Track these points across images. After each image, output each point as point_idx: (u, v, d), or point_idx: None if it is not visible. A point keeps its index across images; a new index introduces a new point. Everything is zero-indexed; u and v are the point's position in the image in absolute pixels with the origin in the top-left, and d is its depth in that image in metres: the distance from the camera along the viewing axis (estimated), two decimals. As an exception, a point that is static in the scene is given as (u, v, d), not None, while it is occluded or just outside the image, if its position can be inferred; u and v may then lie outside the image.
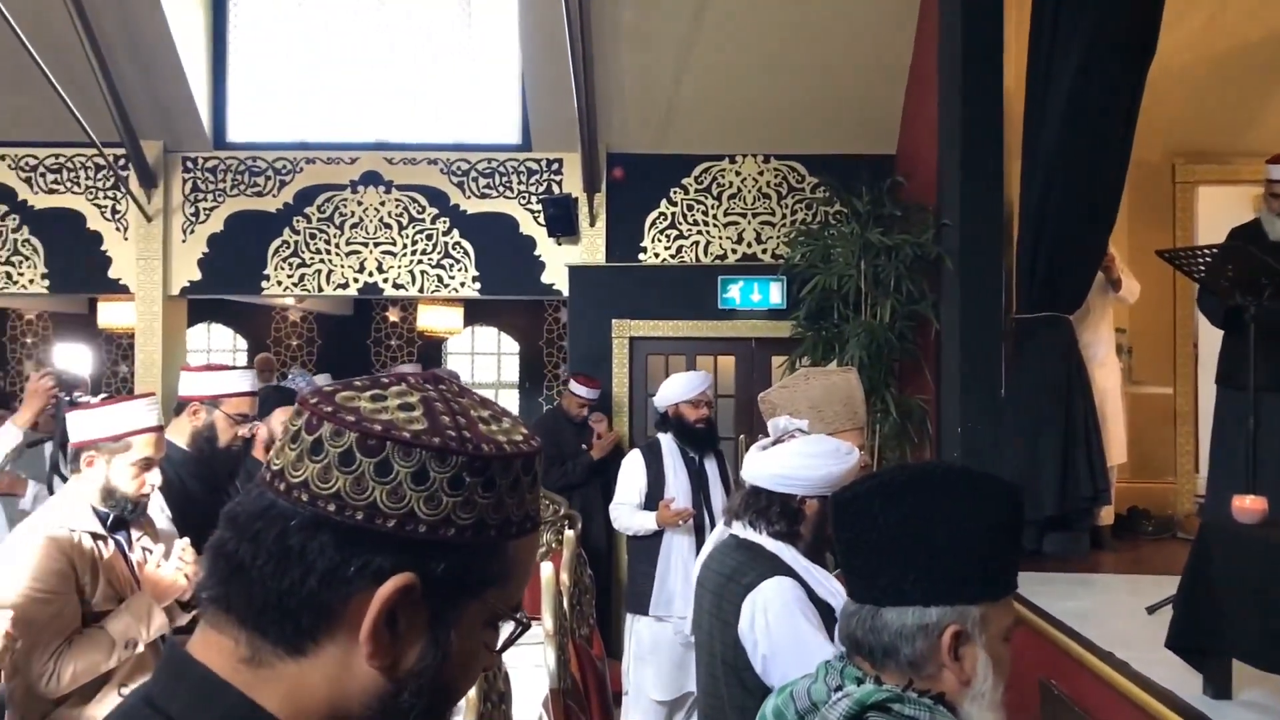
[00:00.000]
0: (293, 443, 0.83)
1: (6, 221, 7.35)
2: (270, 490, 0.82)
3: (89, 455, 2.69)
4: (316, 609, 0.80)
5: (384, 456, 0.80)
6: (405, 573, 0.80)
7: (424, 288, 7.35)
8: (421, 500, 0.80)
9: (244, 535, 0.81)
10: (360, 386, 0.87)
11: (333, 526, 0.79)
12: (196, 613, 2.75)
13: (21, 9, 5.87)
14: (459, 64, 7.49)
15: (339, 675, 0.81)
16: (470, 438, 0.83)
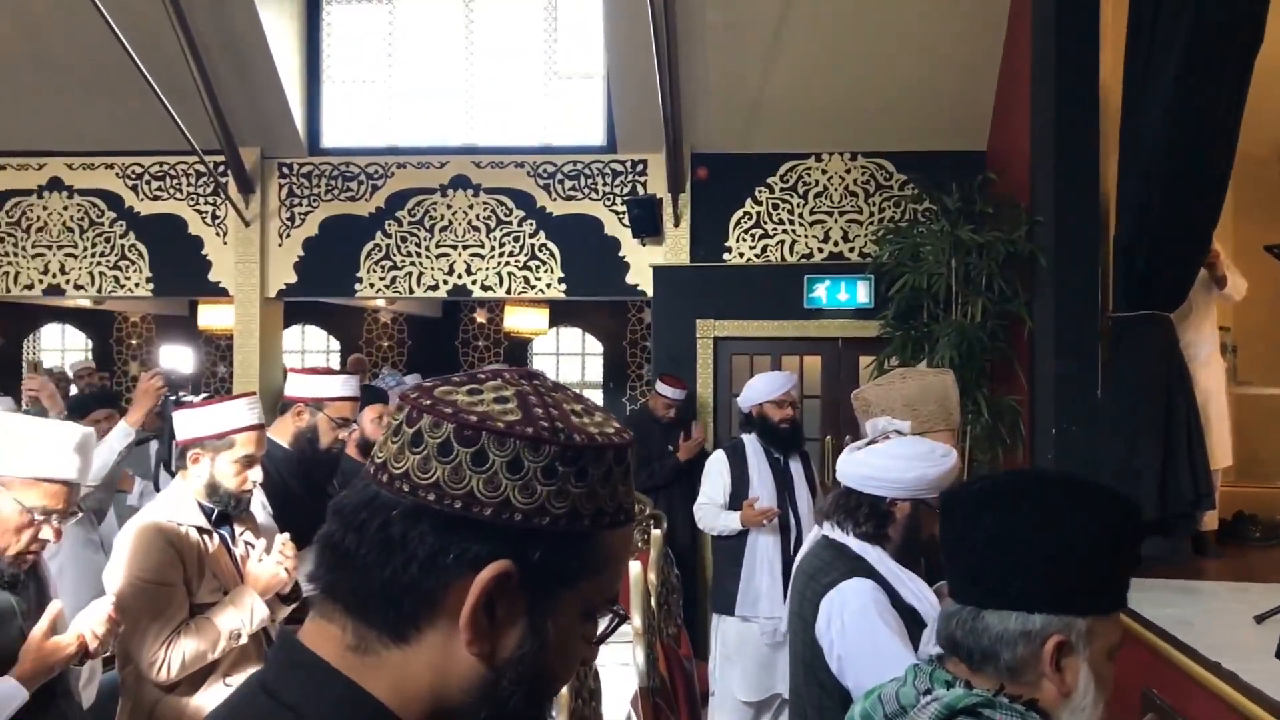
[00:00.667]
0: (394, 436, 0.85)
1: (114, 228, 7.65)
2: (374, 482, 0.85)
3: (194, 453, 2.78)
4: (418, 596, 0.82)
5: (480, 446, 0.82)
6: (502, 560, 0.81)
7: (511, 289, 7.44)
8: (517, 489, 0.82)
9: (349, 526, 0.84)
10: (457, 382, 0.89)
11: (432, 515, 0.82)
12: (296, 605, 2.84)
13: (129, 24, 6.11)
14: (545, 67, 7.57)
15: (441, 662, 0.83)
16: (563, 428, 0.84)
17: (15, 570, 2.15)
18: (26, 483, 2.11)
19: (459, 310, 11.69)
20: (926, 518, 2.23)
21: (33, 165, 7.69)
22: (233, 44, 6.88)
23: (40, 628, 2.10)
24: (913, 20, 6.36)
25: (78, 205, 7.67)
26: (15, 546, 2.11)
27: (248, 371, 7.56)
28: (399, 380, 4.81)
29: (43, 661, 2.09)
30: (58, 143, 7.57)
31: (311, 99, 7.59)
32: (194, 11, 6.52)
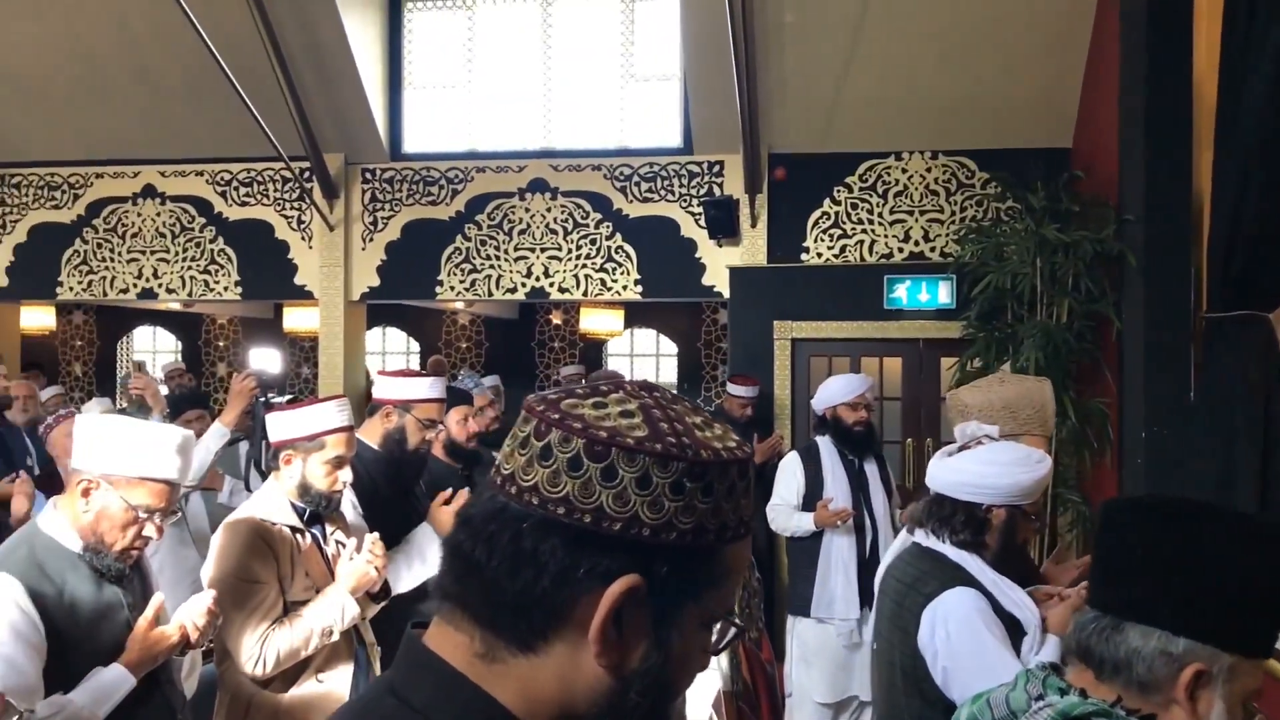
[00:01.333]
0: (522, 448, 0.86)
1: (204, 233, 7.87)
2: (502, 493, 0.86)
3: (287, 454, 2.86)
4: (548, 608, 0.83)
5: (609, 462, 0.83)
6: (631, 574, 0.82)
7: (588, 291, 7.49)
8: (645, 504, 0.82)
9: (479, 536, 0.85)
10: (582, 394, 0.90)
11: (562, 529, 0.83)
12: (385, 603, 2.89)
13: (220, 36, 6.29)
14: (622, 70, 7.60)
15: (568, 672, 0.84)
16: (689, 444, 0.85)
17: (122, 565, 2.24)
18: (132, 482, 2.20)
19: (535, 312, 11.79)
20: (1022, 524, 2.19)
21: (128, 173, 7.95)
22: (318, 53, 7.04)
23: (145, 619, 2.20)
24: (995, 14, 6.25)
25: (170, 211, 7.91)
26: (122, 542, 2.21)
27: (332, 373, 7.72)
28: (477, 382, 4.85)
29: (147, 651, 2.18)
30: (152, 151, 7.82)
31: (393, 105, 7.73)
32: (281, 22, 6.68)
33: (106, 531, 2.20)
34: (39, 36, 7.20)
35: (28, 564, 2.14)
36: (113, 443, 2.20)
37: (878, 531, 4.78)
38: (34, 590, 2.10)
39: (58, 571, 2.17)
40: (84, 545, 2.21)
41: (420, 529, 3.41)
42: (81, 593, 2.18)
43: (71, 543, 2.21)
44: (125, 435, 2.22)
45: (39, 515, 2.29)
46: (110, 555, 2.21)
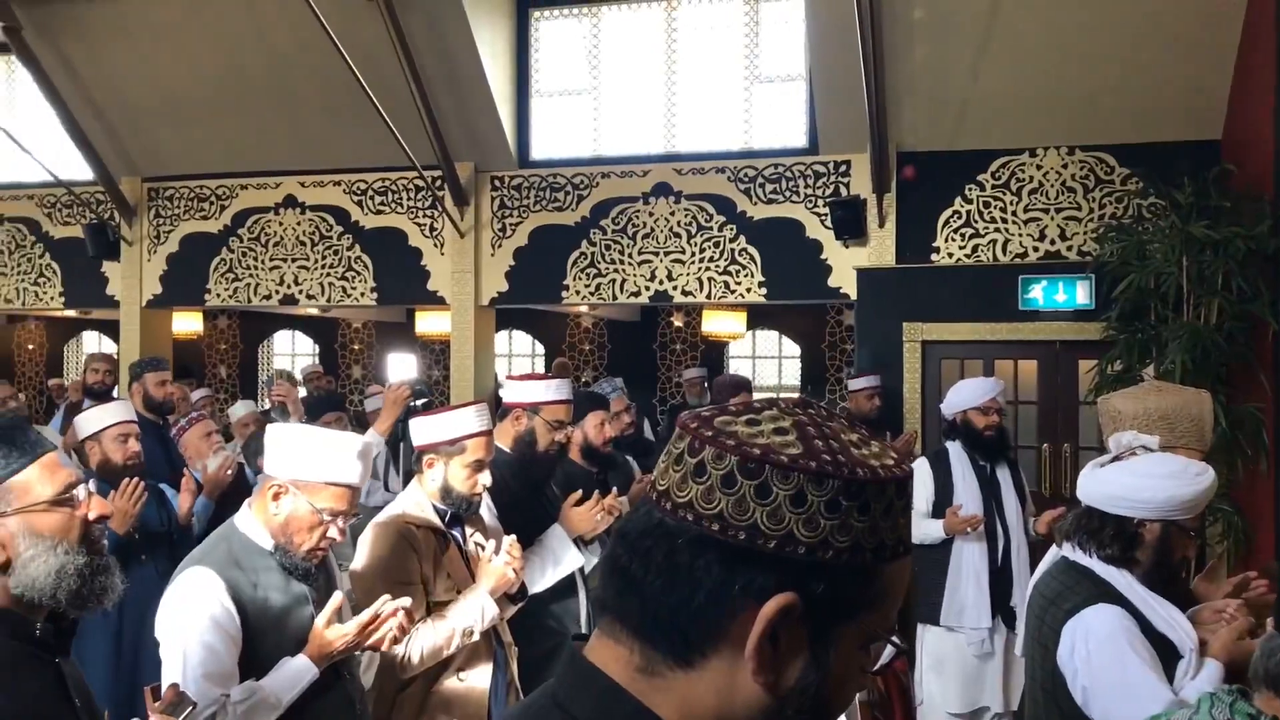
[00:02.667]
0: (676, 465, 0.87)
1: (341, 241, 8.17)
2: (658, 509, 0.87)
3: (429, 457, 2.94)
4: (704, 624, 0.84)
5: (763, 479, 0.82)
6: (787, 592, 0.82)
7: (711, 294, 7.49)
8: (800, 522, 0.82)
9: (635, 551, 0.86)
10: (735, 411, 0.90)
11: (717, 545, 0.83)
12: (522, 605, 2.95)
13: (358, 51, 6.53)
14: (746, 72, 7.58)
15: (725, 688, 0.84)
16: (845, 462, 0.84)
17: (308, 563, 2.39)
18: (317, 487, 2.34)
19: (657, 314, 11.84)
20: (1179, 540, 2.09)
21: (270, 184, 8.31)
22: (449, 64, 7.23)
23: (324, 616, 2.34)
24: (1137, 1, 6.00)
25: (309, 220, 8.23)
26: (308, 543, 2.36)
27: (463, 376, 7.92)
28: (615, 386, 4.91)
29: (326, 646, 2.32)
30: (292, 163, 8.15)
31: (521, 113, 7.87)
32: (414, 37, 6.89)
33: (295, 533, 2.35)
34: (190, 58, 7.59)
35: (227, 560, 2.31)
36: (300, 450, 2.36)
37: (1010, 539, 4.65)
38: (232, 584, 2.27)
39: (252, 568, 2.33)
40: (274, 544, 2.37)
41: (552, 531, 3.46)
42: (272, 588, 2.34)
43: (264, 541, 2.37)
44: (311, 443, 2.37)
45: (236, 515, 2.46)
46: (298, 554, 2.36)
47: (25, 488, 1.74)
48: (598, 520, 3.45)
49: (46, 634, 1.78)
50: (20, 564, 1.71)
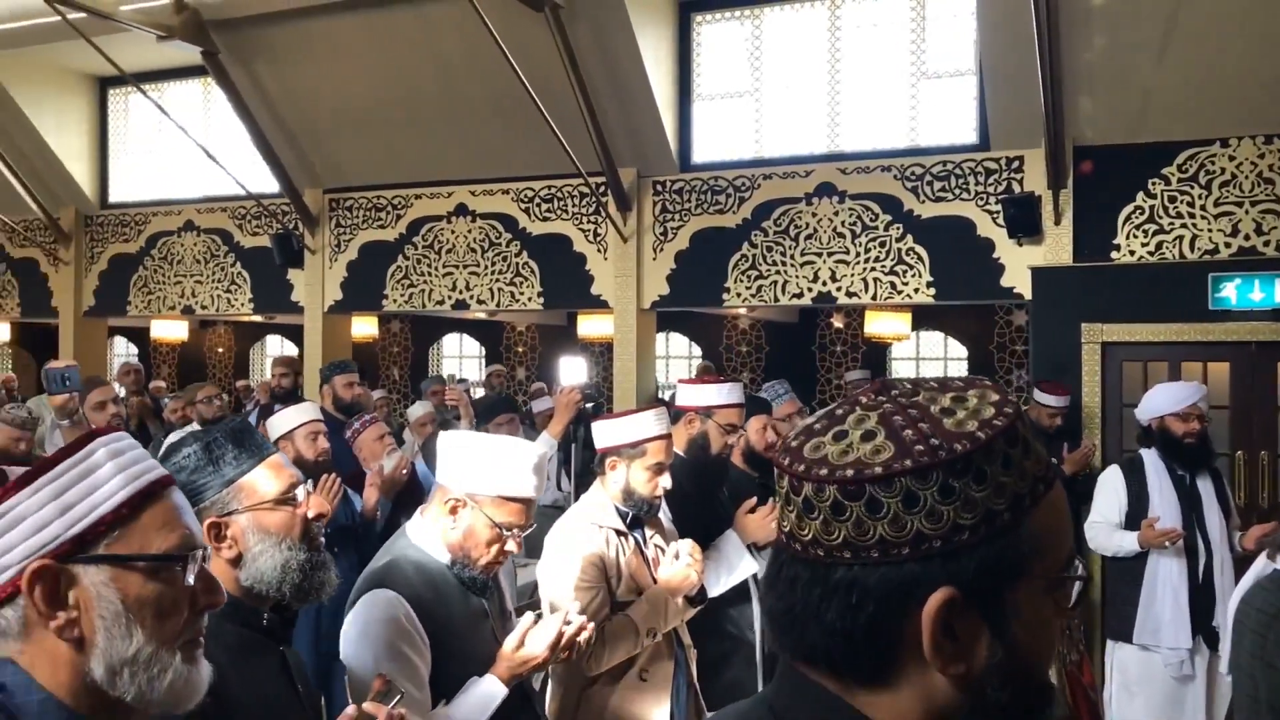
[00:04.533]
0: (787, 505, 0.88)
1: (510, 247, 8.41)
2: (788, 551, 0.88)
3: (611, 460, 3.00)
4: (879, 646, 0.84)
5: (869, 496, 0.82)
6: (941, 588, 0.81)
7: (877, 295, 7.36)
8: (922, 519, 0.81)
9: (783, 597, 0.88)
10: (820, 429, 0.89)
11: (856, 571, 0.83)
12: (701, 606, 2.97)
13: (526, 60, 6.72)
14: (913, 69, 7.42)
15: (926, 693, 0.85)
16: (939, 443, 0.82)
17: (486, 578, 2.36)
18: (495, 501, 2.29)
19: (816, 315, 11.72)
20: None
21: (443, 194, 8.62)
22: (613, 72, 7.34)
23: (514, 638, 2.30)
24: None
25: (480, 228, 8.50)
26: (486, 558, 2.31)
27: (626, 379, 8.02)
28: (784, 389, 4.88)
29: (516, 667, 2.29)
30: (463, 172, 8.44)
31: (683, 117, 7.92)
32: (580, 46, 7.03)
33: (473, 548, 2.29)
34: (366, 73, 7.95)
35: (407, 578, 2.26)
36: (476, 463, 2.31)
37: (1213, 554, 4.39)
38: (414, 601, 2.21)
39: (431, 584, 2.28)
40: (451, 559, 2.32)
41: (727, 537, 3.48)
42: (453, 604, 2.30)
43: (441, 555, 2.33)
44: (487, 455, 2.32)
45: (408, 525, 2.43)
46: (476, 569, 2.31)
47: (253, 487, 1.86)
48: (773, 528, 3.44)
49: (272, 623, 1.90)
50: (250, 558, 1.83)
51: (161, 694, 1.17)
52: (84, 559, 1.16)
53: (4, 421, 4.93)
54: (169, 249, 9.73)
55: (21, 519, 1.14)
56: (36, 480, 1.16)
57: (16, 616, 1.15)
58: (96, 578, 1.16)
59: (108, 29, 7.61)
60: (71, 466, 1.18)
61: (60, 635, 1.14)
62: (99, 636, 1.15)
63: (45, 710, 1.14)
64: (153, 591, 1.18)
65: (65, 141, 9.69)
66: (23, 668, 1.15)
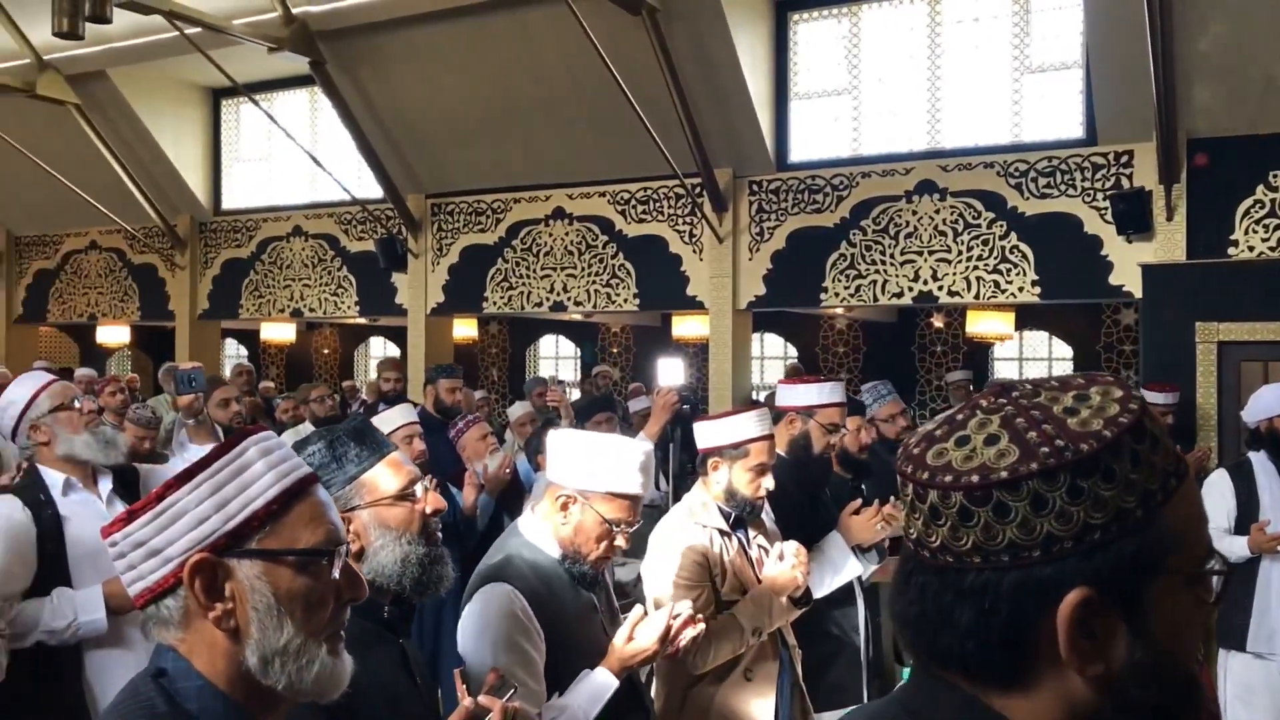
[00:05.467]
0: (912, 513, 0.87)
1: (606, 249, 8.48)
2: (915, 557, 0.88)
3: (714, 460, 3.02)
4: (1016, 650, 0.83)
5: (995, 500, 0.81)
6: (1075, 590, 0.80)
7: (980, 294, 7.22)
8: (1051, 520, 0.80)
9: (913, 602, 0.88)
10: (940, 435, 0.88)
11: (987, 576, 0.83)
12: (807, 608, 2.96)
13: (623, 63, 6.78)
14: (1016, 62, 7.26)
15: (1064, 694, 0.84)
16: (1065, 444, 0.81)
17: (595, 573, 2.41)
18: (604, 497, 2.34)
19: (916, 315, 11.53)
20: None
21: (541, 197, 8.74)
22: (709, 73, 7.35)
23: (625, 631, 2.35)
24: None
25: (577, 231, 8.59)
26: (596, 553, 2.36)
27: (721, 379, 8.02)
28: (887, 390, 4.82)
29: (627, 660, 2.33)
30: (561, 176, 8.54)
31: (779, 116, 7.89)
32: (677, 48, 7.06)
33: (583, 543, 2.35)
34: (467, 80, 8.11)
35: (521, 572, 2.32)
36: (586, 460, 2.36)
37: (1329, 559, 4.22)
38: (529, 594, 2.28)
39: (544, 578, 2.34)
40: (562, 554, 2.38)
41: (831, 538, 3.45)
42: (565, 598, 2.36)
43: (552, 550, 2.39)
44: (597, 452, 2.38)
45: (520, 521, 2.51)
46: (586, 564, 2.37)
47: (375, 483, 1.92)
48: (878, 530, 3.41)
49: (393, 616, 1.96)
50: (371, 552, 1.90)
51: (309, 684, 1.22)
52: (239, 553, 1.21)
53: (131, 421, 5.18)
54: (278, 254, 10.07)
55: (182, 514, 1.20)
56: (196, 477, 1.22)
57: (177, 607, 1.21)
58: (250, 571, 1.21)
59: (221, 42, 7.92)
60: (227, 464, 1.23)
61: (217, 625, 1.20)
62: (253, 627, 1.20)
63: (204, 696, 1.20)
64: (302, 585, 1.22)
65: (181, 151, 10.10)
66: (183, 655, 1.21)
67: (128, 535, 1.21)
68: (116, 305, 11.15)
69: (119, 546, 1.22)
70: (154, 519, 1.20)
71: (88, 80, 9.25)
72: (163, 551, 1.19)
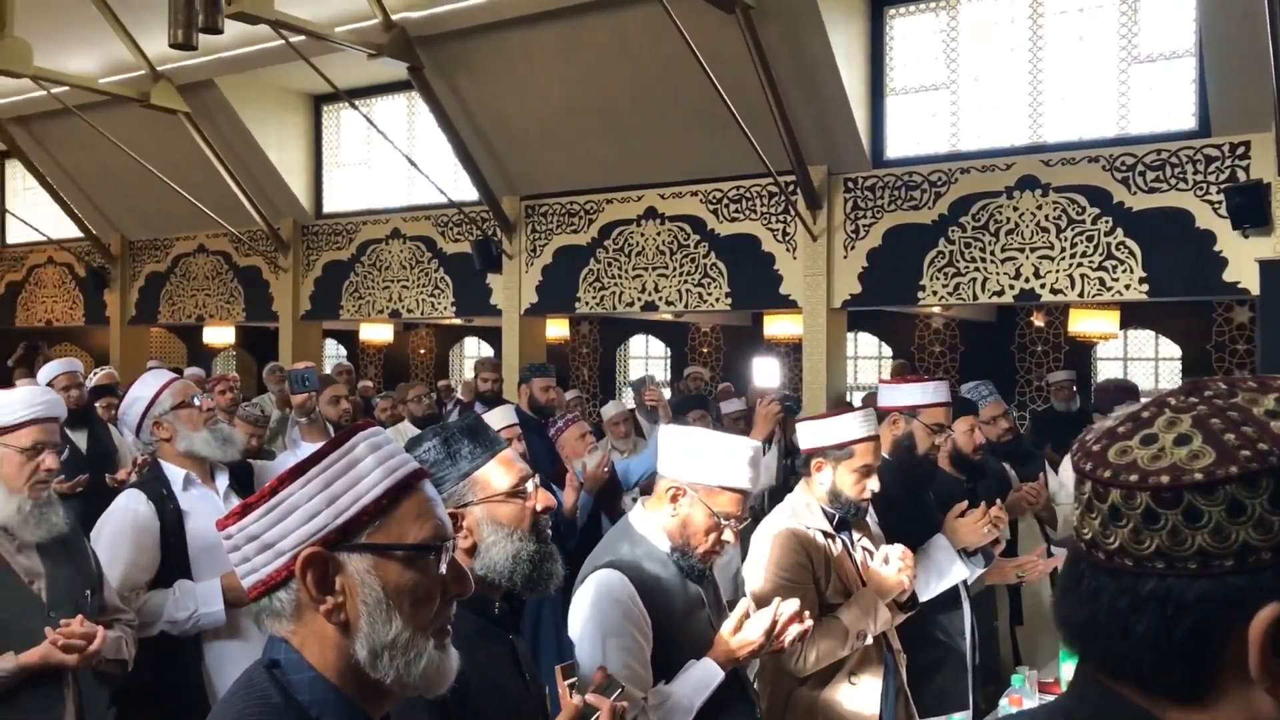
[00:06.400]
0: (1089, 512, 0.82)
1: (698, 249, 8.46)
2: (1089, 559, 0.83)
3: (817, 461, 2.98)
4: (1196, 659, 0.79)
5: (1186, 504, 0.76)
6: (1271, 604, 0.75)
7: (1084, 292, 7.01)
8: (1249, 529, 0.75)
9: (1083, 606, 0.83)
10: (1123, 432, 0.83)
11: (1170, 583, 0.78)
12: (913, 612, 2.91)
13: (717, 62, 6.75)
14: (1123, 53, 7.03)
15: (1248, 713, 0.79)
16: (1269, 448, 0.76)
17: (703, 566, 2.42)
18: (713, 490, 2.36)
19: (1015, 314, 11.26)
20: None
21: (633, 198, 8.76)
22: (804, 69, 7.28)
23: (732, 622, 2.35)
24: None
25: (669, 230, 8.59)
26: (704, 546, 2.38)
27: (815, 379, 7.94)
28: (989, 390, 4.71)
29: (732, 652, 2.33)
30: (653, 176, 8.55)
31: (875, 113, 7.78)
32: (771, 46, 7.00)
33: (691, 535, 2.37)
34: (561, 81, 8.18)
35: (630, 561, 2.36)
36: (697, 454, 2.39)
37: None
38: (638, 584, 2.31)
39: (653, 569, 2.37)
40: (671, 546, 2.40)
41: (936, 541, 3.39)
42: (673, 589, 2.38)
43: (661, 543, 2.41)
44: (707, 447, 2.40)
45: (630, 514, 2.53)
46: (694, 556, 2.39)
47: (487, 480, 1.94)
48: (984, 533, 3.33)
49: (503, 612, 1.98)
50: (484, 548, 1.91)
51: (417, 678, 1.23)
52: (349, 547, 1.22)
53: (240, 419, 5.34)
54: (377, 256, 10.29)
55: (295, 508, 1.22)
56: (307, 472, 1.23)
57: (289, 599, 1.23)
58: (360, 565, 1.22)
59: (323, 50, 8.12)
60: (337, 459, 1.24)
61: (328, 619, 1.21)
62: (362, 621, 1.21)
63: (315, 688, 1.22)
64: (410, 580, 1.23)
65: (285, 156, 10.39)
66: (294, 647, 1.23)
67: (242, 529, 1.23)
68: (223, 307, 11.52)
69: (234, 540, 1.24)
70: (267, 513, 1.22)
71: (197, 89, 9.58)
72: (275, 545, 1.21)
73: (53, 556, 2.60)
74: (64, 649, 2.40)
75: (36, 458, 2.56)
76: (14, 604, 2.49)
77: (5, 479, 2.53)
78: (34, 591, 2.54)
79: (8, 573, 2.52)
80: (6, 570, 2.52)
